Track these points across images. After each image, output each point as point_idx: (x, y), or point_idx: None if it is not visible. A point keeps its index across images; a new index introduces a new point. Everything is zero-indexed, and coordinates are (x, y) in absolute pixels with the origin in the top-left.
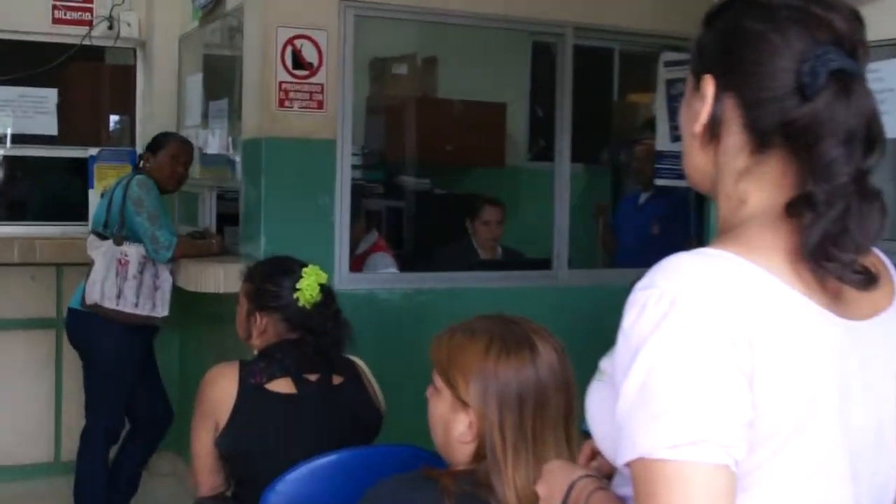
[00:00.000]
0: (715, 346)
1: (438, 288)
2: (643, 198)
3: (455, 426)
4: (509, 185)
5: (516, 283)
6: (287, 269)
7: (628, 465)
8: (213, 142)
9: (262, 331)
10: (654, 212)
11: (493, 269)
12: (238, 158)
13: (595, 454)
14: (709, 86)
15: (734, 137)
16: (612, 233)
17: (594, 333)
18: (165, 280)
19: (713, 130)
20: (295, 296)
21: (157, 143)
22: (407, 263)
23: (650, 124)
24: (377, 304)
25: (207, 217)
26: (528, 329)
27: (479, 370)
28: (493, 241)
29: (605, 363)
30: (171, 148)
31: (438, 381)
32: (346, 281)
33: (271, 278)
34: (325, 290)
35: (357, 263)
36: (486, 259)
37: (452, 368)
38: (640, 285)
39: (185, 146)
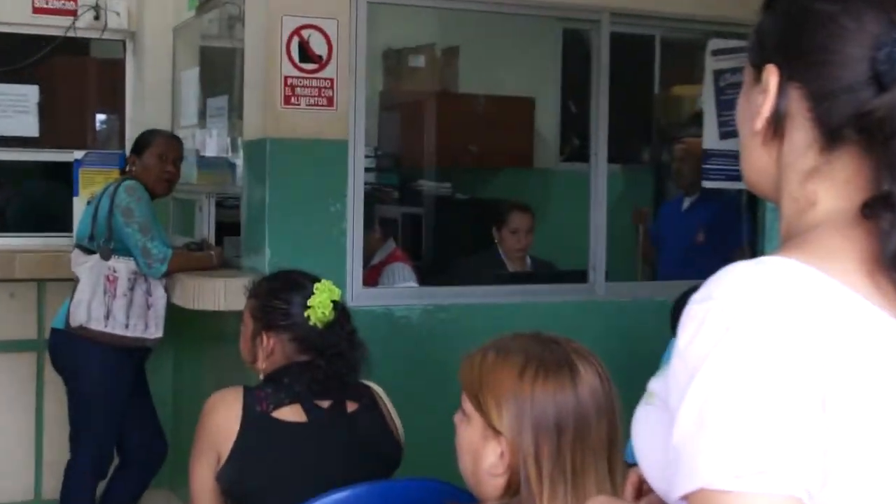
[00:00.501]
0: (783, 365)
1: (461, 304)
2: (687, 202)
3: (485, 456)
4: (539, 188)
5: (548, 298)
6: (297, 284)
7: (686, 497)
8: (212, 143)
9: (270, 353)
10: (699, 218)
11: (523, 283)
12: (239, 161)
13: (642, 486)
14: (772, 77)
15: (801, 133)
16: (651, 242)
17: (636, 353)
18: (159, 297)
19: (777, 126)
20: (306, 314)
21: (141, 143)
22: (427, 276)
23: (696, 120)
24: (394, 322)
25: (205, 226)
26: (569, 349)
27: (513, 394)
28: (521, 251)
29: (655, 385)
30: (157, 146)
31: (468, 406)
32: (359, 296)
33: (279, 294)
34: (339, 307)
35: (372, 276)
36: (515, 271)
37: (484, 391)
38: (696, 298)
39: (172, 142)
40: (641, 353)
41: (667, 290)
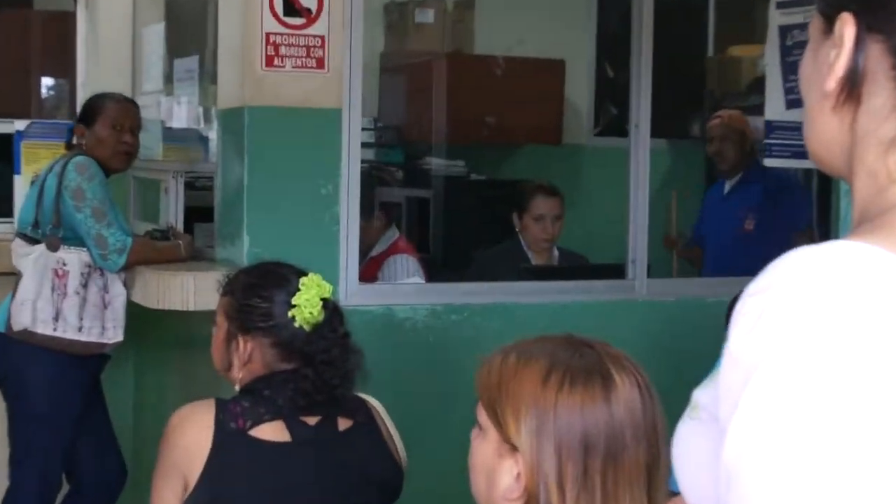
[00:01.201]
0: (857, 367)
1: (476, 303)
2: (728, 186)
3: (500, 477)
4: (569, 168)
5: (579, 297)
6: (279, 278)
7: None
8: (180, 112)
9: (247, 360)
10: (745, 202)
11: (549, 279)
12: (212, 134)
13: None
14: (847, 27)
15: (881, 96)
16: (676, 231)
17: (684, 363)
18: (117, 295)
19: (852, 87)
20: (290, 314)
21: (90, 111)
22: (435, 270)
23: (757, 86)
24: (396, 325)
25: (172, 211)
26: (604, 355)
27: (533, 403)
28: (547, 241)
29: (701, 395)
30: (109, 112)
31: (483, 418)
32: (355, 294)
33: (259, 291)
34: (330, 306)
35: (370, 271)
36: (540, 265)
37: (501, 400)
38: (750, 289)
39: (127, 107)
40: (690, 362)
41: (720, 288)
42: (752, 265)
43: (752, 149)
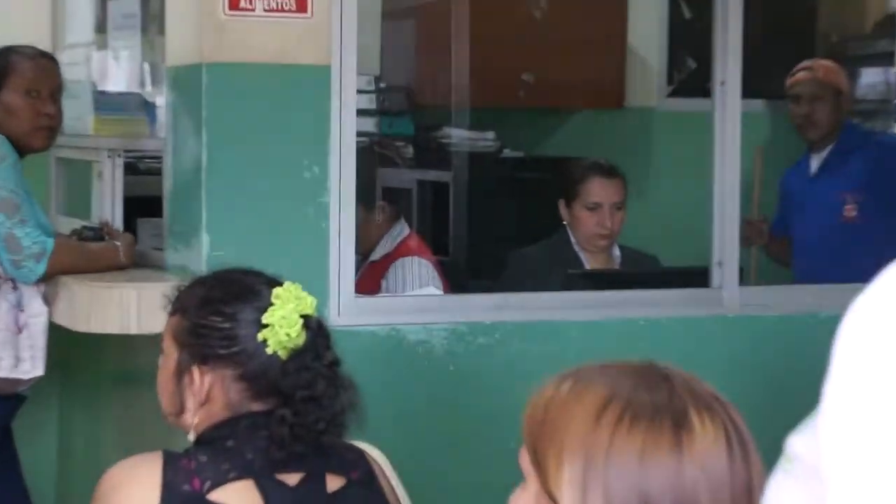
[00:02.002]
0: None
1: (512, 321)
2: (815, 163)
3: None
4: (634, 140)
5: (648, 312)
6: (246, 290)
7: None
8: (117, 72)
9: (204, 399)
10: (838, 181)
11: (608, 288)
12: (161, 100)
13: None
14: None
15: None
16: (762, 221)
17: (787, 398)
18: (35, 315)
19: None
20: (261, 337)
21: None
22: (458, 278)
23: (885, 29)
24: (406, 351)
25: (108, 202)
26: (682, 390)
27: (580, 445)
28: (606, 238)
29: (797, 443)
30: (21, 73)
31: (525, 463)
32: (351, 310)
33: (219, 307)
34: (313, 326)
35: (371, 279)
36: (595, 270)
37: (543, 439)
38: (860, 303)
39: (44, 65)
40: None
41: (839, 298)
42: (859, 264)
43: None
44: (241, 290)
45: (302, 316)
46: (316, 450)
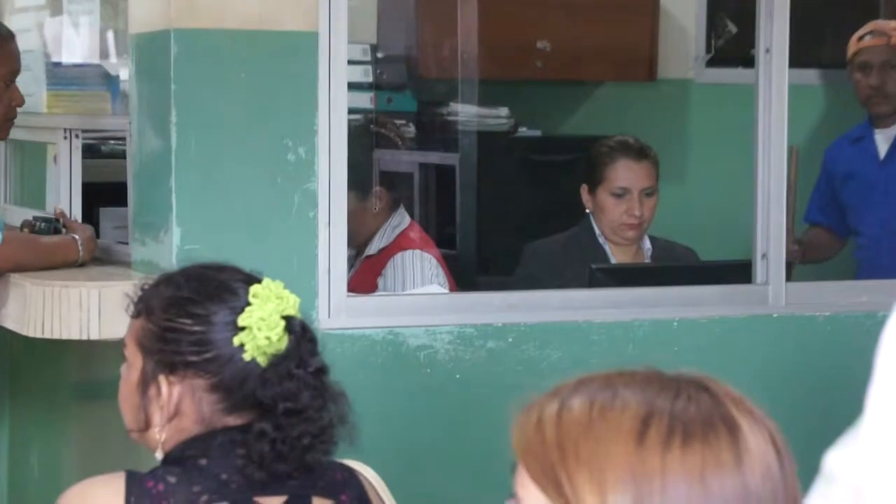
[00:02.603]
0: None
1: (527, 322)
2: (883, 145)
3: None
4: (668, 116)
5: (683, 312)
6: (219, 288)
7: None
8: (74, 40)
9: (173, 413)
10: None
11: (637, 284)
12: (124, 73)
13: None
14: None
15: None
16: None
17: (837, 406)
18: None
19: None
20: (237, 342)
21: None
22: (465, 274)
23: None
24: (406, 357)
25: (65, 190)
26: (725, 399)
27: (628, 470)
28: (634, 227)
29: (836, 461)
30: (3, 56)
31: (530, 491)
32: (342, 311)
33: (188, 307)
34: (297, 328)
35: (366, 276)
36: (622, 264)
37: (569, 466)
38: None
39: (13, 45)
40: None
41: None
42: None
43: None
44: (215, 288)
45: (283, 317)
46: (300, 469)
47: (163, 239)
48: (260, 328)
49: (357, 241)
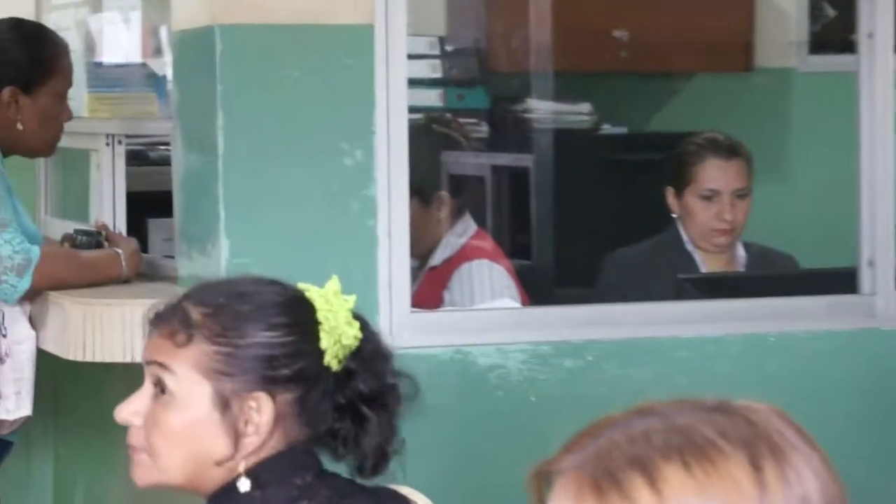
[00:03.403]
0: None
1: (608, 339)
2: None
3: None
4: (766, 110)
5: (782, 325)
6: (284, 295)
7: None
8: (117, 37)
9: (266, 435)
10: None
11: (730, 296)
12: (168, 71)
13: None
14: None
15: None
16: None
17: None
18: (21, 341)
19: None
20: (324, 345)
21: (39, 64)
22: (540, 287)
23: None
24: (475, 378)
25: (108, 202)
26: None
27: None
28: (725, 233)
29: None
30: (64, 73)
31: None
32: (405, 328)
33: (269, 320)
34: (368, 325)
35: (430, 289)
36: (713, 274)
37: None
38: None
39: (70, 57)
40: None
41: None
42: None
43: None
44: (277, 294)
45: (353, 313)
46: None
47: (210, 252)
48: (346, 330)
49: (419, 252)
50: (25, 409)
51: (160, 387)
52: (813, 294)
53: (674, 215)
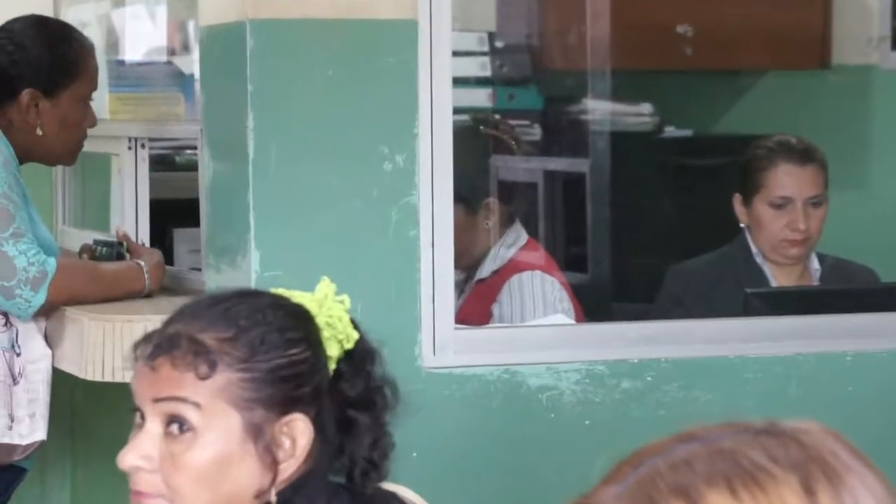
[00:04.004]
0: None
1: (671, 358)
2: None
3: None
4: (844, 111)
5: (860, 344)
6: (283, 306)
7: None
8: (139, 35)
9: (302, 458)
10: None
11: (804, 312)
12: (196, 70)
13: None
14: None
15: None
16: None
17: None
18: (36, 360)
19: None
20: (332, 353)
21: (63, 66)
22: (597, 302)
23: None
24: (525, 399)
25: (129, 210)
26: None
27: None
28: (798, 244)
29: None
30: (89, 75)
31: None
32: (450, 346)
33: (285, 336)
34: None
35: (477, 304)
36: (784, 288)
37: None
38: None
39: (96, 61)
40: None
41: None
42: None
43: None
44: (277, 307)
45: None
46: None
47: (240, 264)
48: (348, 334)
49: (465, 264)
50: (40, 433)
51: (178, 424)
52: (894, 310)
53: (742, 225)
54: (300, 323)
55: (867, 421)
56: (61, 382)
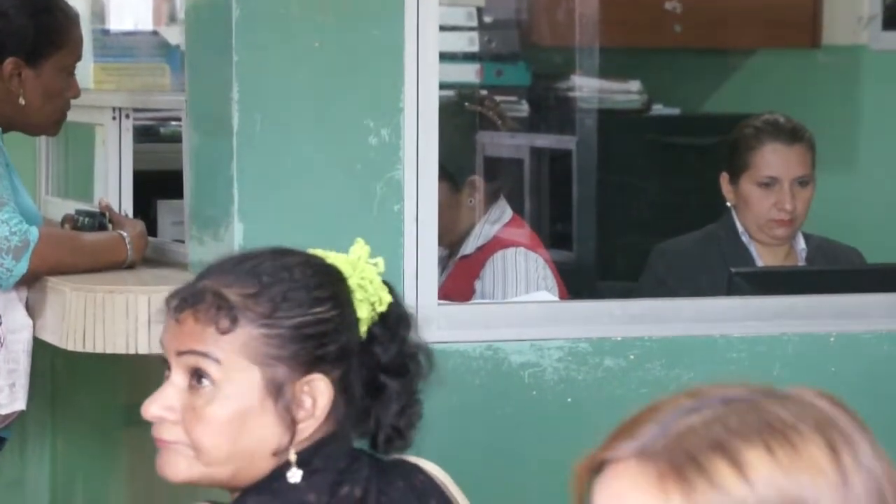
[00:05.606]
0: None
1: (655, 337)
2: None
3: None
4: (834, 90)
5: (845, 325)
6: (313, 264)
7: None
8: (126, 3)
9: (322, 417)
10: None
11: (788, 292)
12: (181, 41)
13: None
14: None
15: None
16: None
17: None
18: (16, 330)
19: None
20: (363, 315)
21: (48, 33)
22: (581, 279)
23: None
24: (508, 376)
25: (113, 180)
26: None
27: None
28: (785, 224)
29: None
30: (73, 44)
31: None
32: (434, 321)
33: (313, 294)
34: (390, 291)
35: (461, 280)
36: (770, 268)
37: None
38: None
39: (80, 30)
40: None
41: None
42: None
43: None
44: (316, 265)
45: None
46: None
47: (223, 236)
48: (380, 296)
49: (449, 240)
50: (20, 403)
51: (198, 377)
52: (879, 291)
53: (728, 204)
54: (329, 282)
55: (850, 402)
56: (42, 352)
